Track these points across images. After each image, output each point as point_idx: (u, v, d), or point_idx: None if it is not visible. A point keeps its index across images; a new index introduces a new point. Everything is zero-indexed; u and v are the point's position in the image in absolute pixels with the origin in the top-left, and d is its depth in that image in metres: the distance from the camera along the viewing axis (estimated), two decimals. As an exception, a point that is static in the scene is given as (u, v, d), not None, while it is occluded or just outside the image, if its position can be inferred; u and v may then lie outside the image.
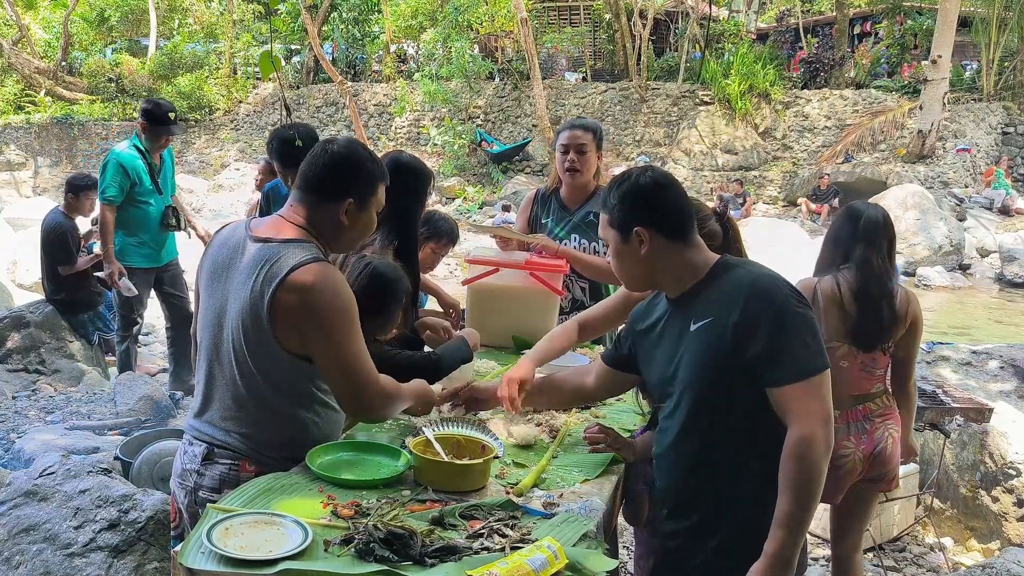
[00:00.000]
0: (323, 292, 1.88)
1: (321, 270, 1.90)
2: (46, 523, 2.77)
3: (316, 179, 2.01)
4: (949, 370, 4.63)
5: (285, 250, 1.92)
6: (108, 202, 5.07)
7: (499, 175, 19.60)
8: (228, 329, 1.98)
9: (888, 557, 3.94)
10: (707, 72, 19.27)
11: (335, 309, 1.90)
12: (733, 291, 1.84)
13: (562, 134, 3.48)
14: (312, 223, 2.01)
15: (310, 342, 1.92)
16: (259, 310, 1.90)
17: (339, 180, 2.01)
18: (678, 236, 1.92)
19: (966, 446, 4.06)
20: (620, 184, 1.95)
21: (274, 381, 1.97)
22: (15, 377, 5.77)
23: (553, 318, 3.41)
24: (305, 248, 1.94)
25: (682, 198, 1.95)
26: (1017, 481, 3.87)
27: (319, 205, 2.01)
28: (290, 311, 1.88)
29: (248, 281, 1.93)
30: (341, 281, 1.95)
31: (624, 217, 1.92)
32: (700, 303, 1.90)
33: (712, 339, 1.85)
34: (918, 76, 17.35)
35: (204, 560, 1.55)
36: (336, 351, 1.92)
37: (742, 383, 1.83)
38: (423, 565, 1.58)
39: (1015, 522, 3.86)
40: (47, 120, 22.28)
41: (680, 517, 1.98)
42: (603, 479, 2.13)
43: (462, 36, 20.47)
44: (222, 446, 2.01)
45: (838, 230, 3.06)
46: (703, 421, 1.90)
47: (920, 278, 11.74)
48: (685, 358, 1.91)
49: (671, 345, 1.96)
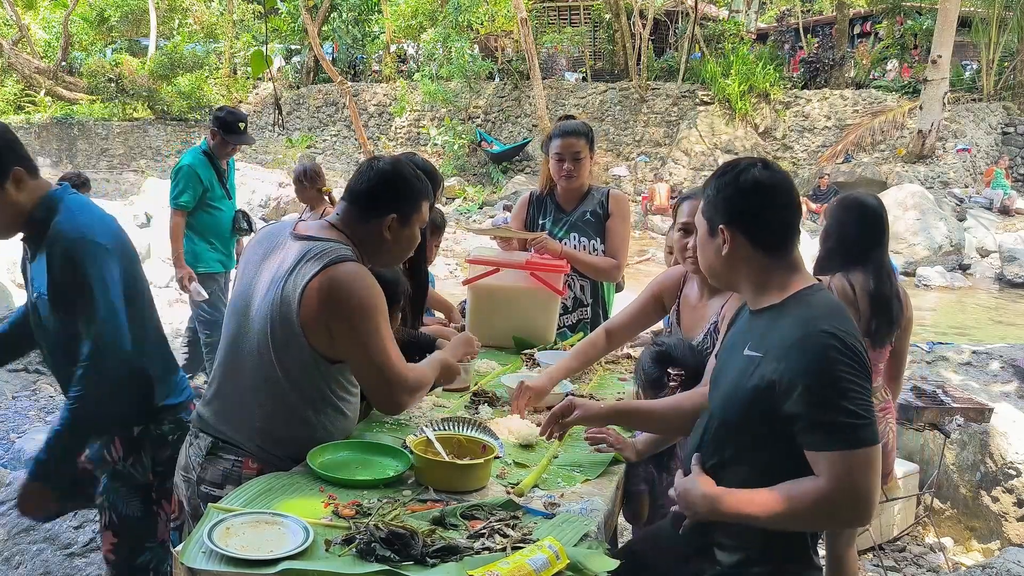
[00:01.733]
0: (354, 287, 1.92)
1: (356, 268, 1.96)
2: (46, 523, 2.77)
3: (361, 194, 2.07)
4: (949, 370, 4.63)
5: (325, 247, 1.98)
6: (181, 208, 5.12)
7: (499, 175, 19.61)
8: (256, 320, 2.01)
9: (888, 557, 3.94)
10: (707, 72, 19.28)
11: (365, 306, 1.93)
12: (788, 334, 1.66)
13: (555, 142, 3.47)
14: (355, 234, 2.07)
15: (339, 337, 1.95)
16: (291, 302, 1.93)
17: (383, 196, 2.07)
18: (767, 247, 1.75)
19: (966, 446, 4.06)
20: (724, 173, 1.80)
21: (294, 377, 1.98)
22: (15, 377, 5.77)
23: (554, 318, 3.41)
24: (344, 248, 1.99)
25: (784, 206, 1.76)
26: (1017, 481, 3.87)
27: (363, 219, 2.07)
28: (322, 304, 1.91)
29: (284, 274, 1.97)
30: (373, 281, 1.98)
31: (714, 210, 1.79)
32: (763, 330, 1.74)
33: (753, 378, 1.70)
34: (918, 76, 17.36)
35: (205, 560, 1.55)
36: (367, 347, 1.95)
37: (774, 433, 1.68)
38: (424, 565, 1.58)
39: (1015, 522, 3.86)
40: (47, 120, 22.30)
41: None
42: (604, 479, 2.13)
43: (462, 36, 20.48)
44: (227, 441, 2.02)
45: (842, 226, 3.01)
46: (727, 451, 1.79)
47: (920, 278, 11.74)
48: (728, 378, 1.81)
49: (728, 356, 1.88)
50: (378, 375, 1.98)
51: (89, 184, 6.17)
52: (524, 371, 2.99)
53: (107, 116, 22.53)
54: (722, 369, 1.89)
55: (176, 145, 22.49)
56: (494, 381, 2.85)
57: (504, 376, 2.82)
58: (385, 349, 1.96)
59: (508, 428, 2.34)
